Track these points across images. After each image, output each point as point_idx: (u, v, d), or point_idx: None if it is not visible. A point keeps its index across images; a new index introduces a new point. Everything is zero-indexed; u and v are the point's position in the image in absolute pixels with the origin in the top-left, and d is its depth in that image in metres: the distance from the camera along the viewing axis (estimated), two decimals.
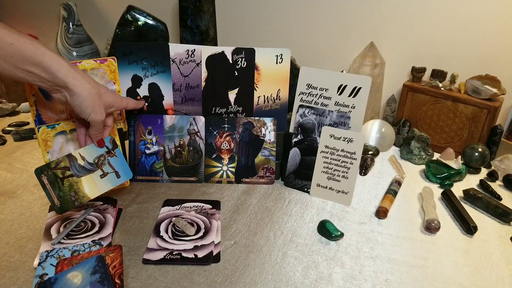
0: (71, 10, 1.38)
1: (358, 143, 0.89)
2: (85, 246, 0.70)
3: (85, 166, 0.78)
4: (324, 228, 0.80)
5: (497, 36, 1.11)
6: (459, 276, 0.72)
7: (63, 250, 0.69)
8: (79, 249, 0.70)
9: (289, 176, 0.97)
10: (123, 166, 0.83)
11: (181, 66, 0.94)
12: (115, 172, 0.81)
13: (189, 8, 1.15)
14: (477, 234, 0.83)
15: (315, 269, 0.71)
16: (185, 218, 0.82)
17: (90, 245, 0.71)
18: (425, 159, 1.11)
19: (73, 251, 0.69)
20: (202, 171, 0.97)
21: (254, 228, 0.82)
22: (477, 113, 1.10)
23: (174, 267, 0.70)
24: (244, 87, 0.97)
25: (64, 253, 0.69)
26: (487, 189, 0.99)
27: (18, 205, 0.86)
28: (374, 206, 0.91)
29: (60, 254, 0.68)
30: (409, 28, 1.21)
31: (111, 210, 0.83)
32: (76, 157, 0.77)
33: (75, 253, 0.69)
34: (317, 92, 0.95)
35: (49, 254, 0.68)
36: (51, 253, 0.68)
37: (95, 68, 0.89)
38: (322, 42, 1.34)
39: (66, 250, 0.69)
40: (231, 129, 0.96)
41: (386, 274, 0.71)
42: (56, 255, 0.68)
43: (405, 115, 1.23)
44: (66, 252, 0.69)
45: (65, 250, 0.69)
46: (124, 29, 1.14)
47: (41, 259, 0.67)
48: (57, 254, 0.68)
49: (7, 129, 1.19)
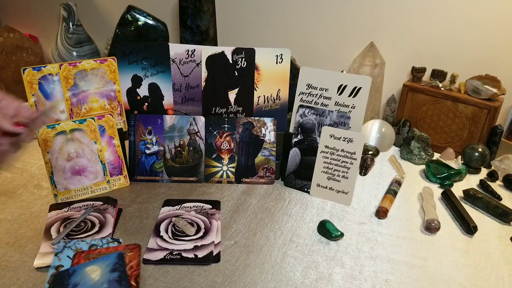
0: (71, 10, 1.38)
1: (358, 143, 0.89)
2: (103, 242, 0.69)
3: None
4: (324, 228, 0.80)
5: (497, 36, 1.11)
6: (459, 276, 0.72)
7: (81, 243, 0.67)
8: (97, 244, 0.68)
9: (289, 176, 0.97)
10: None
11: (181, 66, 0.94)
12: None
13: (189, 8, 1.15)
14: (477, 234, 0.83)
15: (315, 269, 0.71)
16: (185, 218, 0.82)
17: (108, 241, 0.69)
18: (425, 159, 1.10)
19: (91, 245, 0.67)
20: (202, 171, 0.97)
21: (254, 228, 0.82)
22: (477, 113, 1.10)
23: (174, 267, 0.70)
24: (244, 87, 0.97)
25: (82, 246, 0.67)
26: (487, 189, 0.99)
27: (18, 205, 0.86)
28: (374, 206, 0.91)
29: (78, 246, 0.67)
30: (409, 28, 1.21)
31: (111, 210, 0.83)
32: None
33: (93, 247, 0.67)
34: (317, 92, 0.95)
35: (66, 245, 0.66)
36: (69, 245, 0.67)
37: (95, 68, 0.89)
38: (322, 42, 1.34)
39: (84, 243, 0.68)
40: (231, 129, 0.96)
41: (386, 274, 0.71)
42: (74, 246, 0.66)
43: (405, 115, 1.23)
44: (83, 245, 0.67)
45: (83, 243, 0.67)
46: (124, 29, 1.14)
47: (58, 250, 0.65)
48: (75, 246, 0.67)
49: None
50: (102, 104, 0.90)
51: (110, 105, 0.92)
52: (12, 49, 1.44)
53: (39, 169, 1.00)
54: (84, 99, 0.89)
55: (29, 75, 0.83)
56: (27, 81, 0.83)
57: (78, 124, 0.87)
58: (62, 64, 0.86)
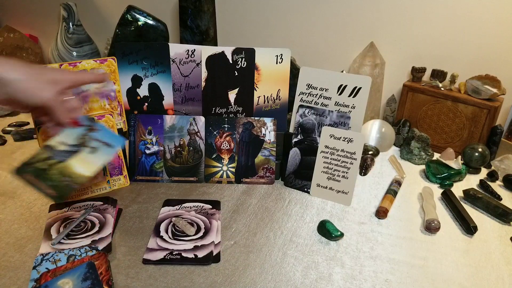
0: (71, 10, 1.38)
1: (358, 143, 0.89)
2: (81, 251, 0.69)
3: (68, 149, 0.73)
4: (324, 228, 0.80)
5: (497, 36, 1.11)
6: (459, 276, 0.72)
7: (59, 254, 0.68)
8: (75, 254, 0.68)
9: (289, 176, 0.97)
10: (111, 136, 0.78)
11: (181, 66, 0.94)
12: (105, 143, 0.76)
13: (189, 8, 1.15)
14: (477, 234, 0.83)
15: (315, 269, 0.71)
16: (185, 218, 0.82)
17: (87, 250, 0.69)
18: (425, 159, 1.11)
19: (69, 255, 0.68)
20: (202, 171, 0.97)
21: (254, 228, 0.82)
22: (477, 113, 1.10)
23: (174, 267, 0.70)
24: (244, 87, 0.97)
25: (60, 257, 0.67)
26: (487, 189, 0.99)
27: (18, 205, 0.86)
28: (374, 206, 0.91)
29: (56, 258, 0.67)
30: (409, 28, 1.21)
31: (111, 210, 0.83)
32: (54, 145, 0.72)
33: (71, 257, 0.68)
34: (317, 92, 0.95)
35: (44, 258, 0.67)
36: (47, 257, 0.67)
37: (95, 68, 0.89)
38: (322, 42, 1.34)
39: (62, 254, 0.68)
40: (231, 129, 0.96)
41: (386, 274, 0.71)
42: (52, 259, 0.67)
43: (405, 115, 1.23)
44: (62, 256, 0.68)
45: (61, 254, 0.68)
46: (124, 29, 1.14)
47: (36, 263, 0.66)
48: (53, 258, 0.67)
49: (7, 129, 1.19)
50: (102, 104, 0.90)
51: (110, 105, 0.92)
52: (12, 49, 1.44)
53: None
54: (84, 99, 0.88)
55: None
56: None
57: None
58: (62, 64, 0.86)
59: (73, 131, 0.74)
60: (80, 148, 0.74)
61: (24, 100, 0.62)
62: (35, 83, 0.62)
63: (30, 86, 0.61)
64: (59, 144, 0.73)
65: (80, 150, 0.74)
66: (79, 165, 0.73)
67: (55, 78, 0.65)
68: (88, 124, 0.76)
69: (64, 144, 0.73)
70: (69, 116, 0.69)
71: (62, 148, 0.72)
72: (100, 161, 0.75)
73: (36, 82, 0.62)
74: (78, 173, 0.72)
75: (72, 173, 0.72)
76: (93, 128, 0.76)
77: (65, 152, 0.72)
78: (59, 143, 0.73)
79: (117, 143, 0.78)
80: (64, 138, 0.73)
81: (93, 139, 0.76)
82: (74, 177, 0.71)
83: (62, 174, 0.71)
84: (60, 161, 0.72)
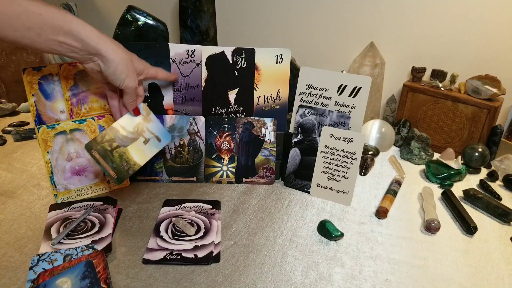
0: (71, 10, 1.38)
1: (358, 143, 0.89)
2: (78, 250, 0.69)
3: (128, 135, 0.79)
4: (324, 228, 0.80)
5: (497, 36, 1.11)
6: (459, 276, 0.72)
7: (55, 254, 0.68)
8: (71, 253, 0.68)
9: (289, 176, 0.97)
10: (161, 130, 0.84)
11: (181, 66, 0.94)
12: (156, 136, 0.83)
13: (189, 8, 1.15)
14: (477, 234, 0.83)
15: (315, 269, 0.71)
16: (185, 218, 0.82)
17: (83, 249, 0.69)
18: (425, 159, 1.11)
19: (65, 255, 0.68)
20: (202, 171, 0.97)
21: (254, 228, 0.82)
22: (477, 113, 1.10)
23: (174, 267, 0.70)
24: (244, 87, 0.97)
25: (57, 257, 0.67)
26: (487, 189, 0.99)
27: (18, 205, 0.86)
28: (374, 206, 0.91)
29: (52, 258, 0.67)
30: (409, 28, 1.21)
31: (111, 210, 0.83)
32: (117, 129, 0.78)
33: (68, 257, 0.68)
34: (317, 92, 0.95)
35: (40, 258, 0.67)
36: (43, 257, 0.67)
37: None
38: (322, 42, 1.34)
39: (58, 254, 0.68)
40: (231, 129, 0.96)
41: (386, 274, 0.71)
42: (48, 259, 0.67)
43: (405, 115, 1.23)
44: (58, 256, 0.67)
45: (57, 254, 0.68)
46: (124, 29, 1.14)
47: (33, 263, 0.66)
48: (49, 258, 0.67)
49: (7, 129, 1.19)
50: (102, 104, 0.90)
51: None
52: (12, 49, 1.44)
53: (39, 169, 1.00)
54: (84, 99, 0.88)
55: (29, 75, 0.82)
56: (27, 81, 0.83)
57: (78, 124, 0.87)
58: (62, 64, 0.86)
59: (133, 118, 0.80)
60: (136, 136, 0.80)
61: (112, 79, 0.69)
62: (126, 69, 0.69)
63: (121, 70, 0.68)
64: (121, 128, 0.79)
65: (136, 138, 0.80)
66: (135, 153, 0.79)
67: (139, 68, 0.74)
68: (144, 114, 0.81)
69: (125, 130, 0.79)
70: (135, 103, 0.77)
71: (123, 133, 0.78)
72: (150, 152, 0.81)
73: (126, 68, 0.69)
74: (134, 160, 0.78)
75: (130, 159, 0.78)
76: (148, 119, 0.82)
77: (124, 137, 0.79)
78: (121, 128, 0.78)
79: (165, 138, 0.85)
80: (124, 123, 0.79)
81: (147, 129, 0.81)
82: (130, 164, 0.78)
83: (121, 158, 0.77)
84: (120, 145, 0.78)
